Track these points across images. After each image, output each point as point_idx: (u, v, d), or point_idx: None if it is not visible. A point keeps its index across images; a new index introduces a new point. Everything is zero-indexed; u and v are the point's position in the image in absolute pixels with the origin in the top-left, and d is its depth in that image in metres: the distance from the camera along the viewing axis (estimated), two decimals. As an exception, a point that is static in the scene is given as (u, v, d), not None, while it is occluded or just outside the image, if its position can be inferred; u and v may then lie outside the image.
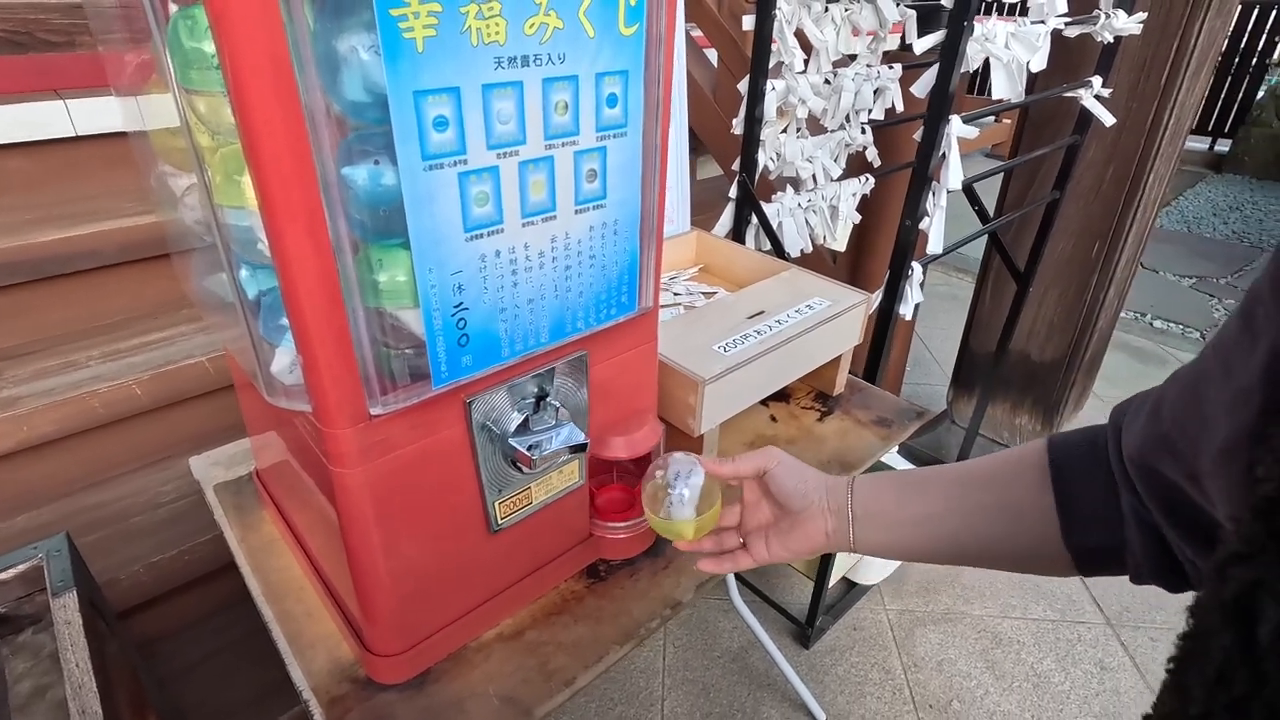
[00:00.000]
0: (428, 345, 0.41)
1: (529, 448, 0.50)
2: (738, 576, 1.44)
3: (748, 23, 0.97)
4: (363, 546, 0.47)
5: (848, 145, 1.20)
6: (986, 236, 1.35)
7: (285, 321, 0.40)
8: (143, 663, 0.86)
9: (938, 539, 0.43)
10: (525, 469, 0.51)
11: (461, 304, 0.42)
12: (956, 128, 0.83)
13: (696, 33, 1.65)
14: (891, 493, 0.47)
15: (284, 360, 0.43)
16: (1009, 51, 0.83)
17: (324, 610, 0.59)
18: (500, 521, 0.54)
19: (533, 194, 0.42)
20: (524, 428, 0.51)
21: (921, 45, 0.82)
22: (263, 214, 0.35)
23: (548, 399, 0.52)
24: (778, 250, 1.11)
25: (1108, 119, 1.13)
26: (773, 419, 0.86)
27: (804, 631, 1.39)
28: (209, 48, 0.36)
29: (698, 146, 1.72)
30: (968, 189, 1.28)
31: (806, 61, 1.07)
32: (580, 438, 0.53)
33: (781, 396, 0.90)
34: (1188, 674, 0.19)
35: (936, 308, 2.78)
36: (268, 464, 0.67)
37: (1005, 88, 0.86)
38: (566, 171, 0.43)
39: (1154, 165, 1.25)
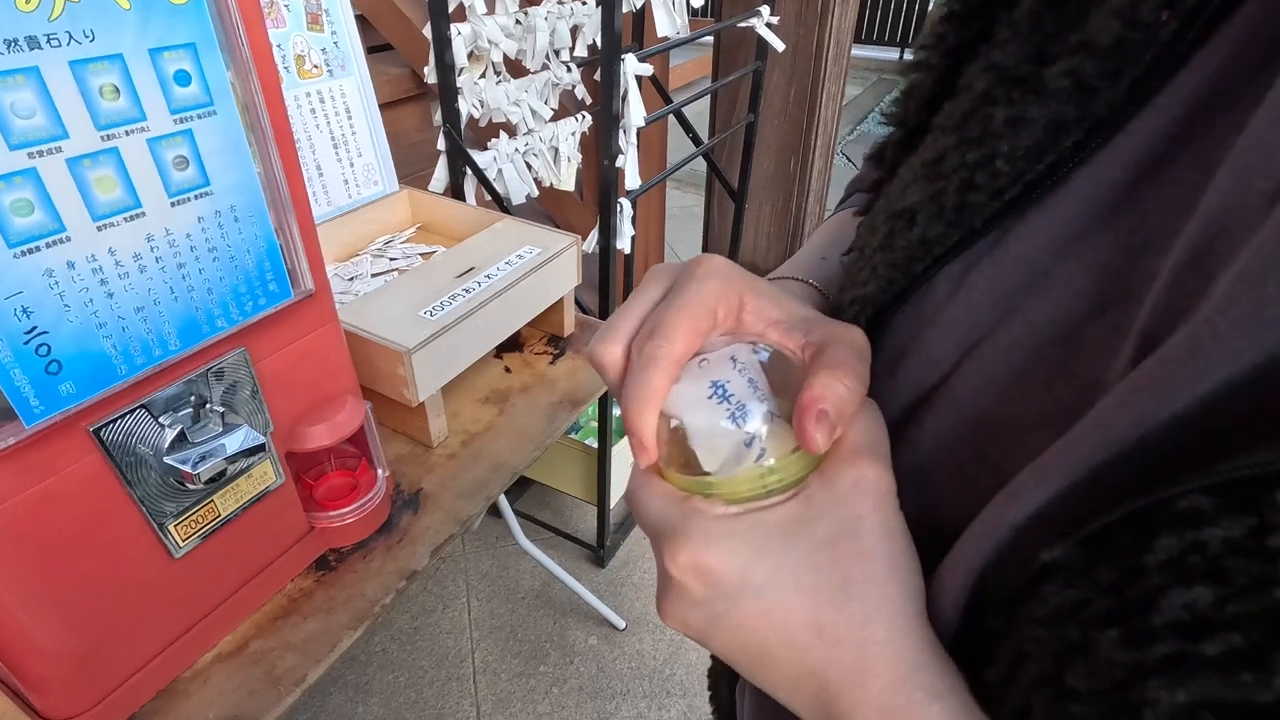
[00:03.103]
0: (1, 383, 0.36)
1: (194, 462, 0.47)
2: (524, 517, 1.49)
3: (416, -38, 0.91)
4: (-6, 615, 0.41)
5: (556, 85, 1.21)
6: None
7: None
8: None
9: None
10: (193, 485, 0.47)
11: (35, 329, 0.36)
12: (632, 65, 0.87)
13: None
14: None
15: None
16: (665, -10, 0.88)
17: (-11, 690, 0.51)
18: (182, 545, 0.50)
19: (100, 192, 0.37)
20: (182, 441, 0.47)
21: (582, -14, 0.83)
22: None
23: (208, 406, 0.49)
24: (497, 200, 1.11)
25: (779, 45, 1.26)
26: (507, 370, 0.88)
27: (597, 554, 1.49)
28: None
29: (428, 91, 1.63)
30: (678, 115, 1.36)
31: (493, 2, 1.04)
32: (256, 439, 0.50)
33: (515, 346, 0.91)
34: None
35: (693, 228, 2.97)
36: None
37: (666, 25, 0.91)
38: (143, 162, 0.39)
39: (825, 84, 1.42)
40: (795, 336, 0.26)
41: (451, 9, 0.97)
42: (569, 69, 1.20)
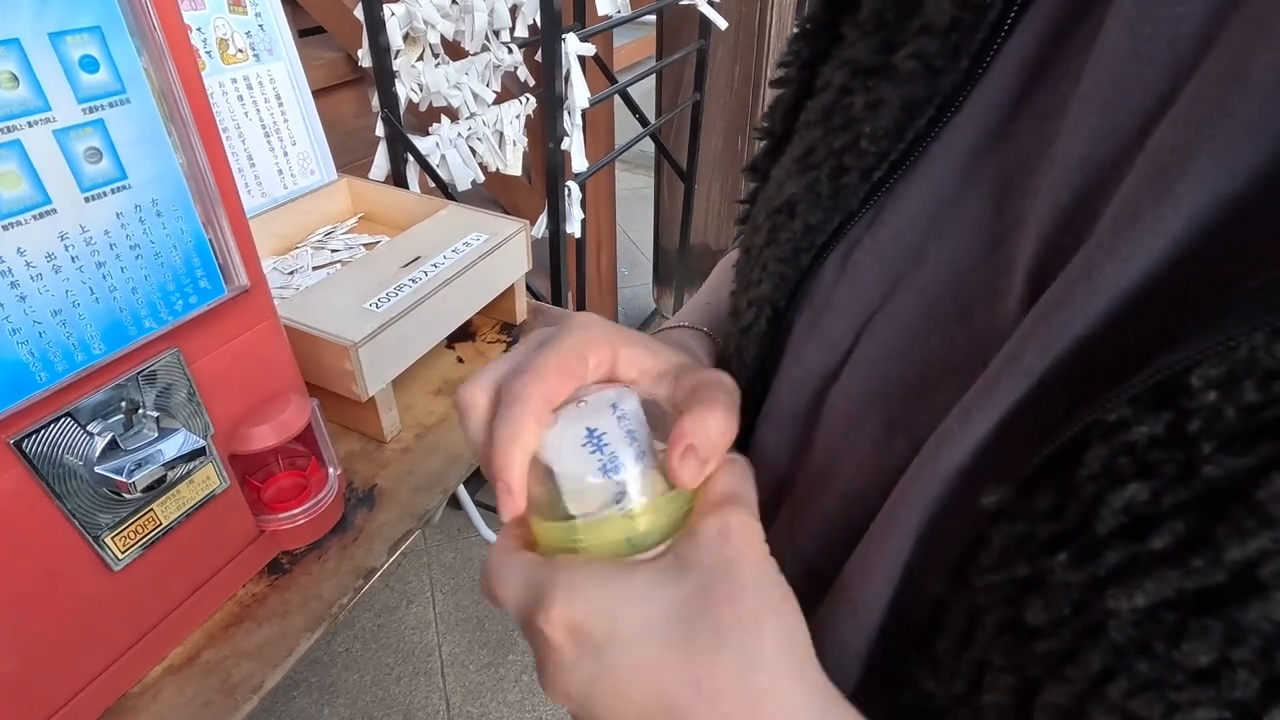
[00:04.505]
0: (-96, 396, 0.34)
1: (128, 471, 0.45)
2: (485, 507, 1.48)
3: (343, -61, 0.88)
4: (-85, 643, 0.39)
5: (497, 67, 1.18)
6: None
7: None
8: None
9: None
10: (129, 495, 0.45)
11: (-60, 337, 0.34)
12: (573, 45, 0.86)
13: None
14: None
15: None
16: (604, -34, 0.86)
17: (-83, 721, 0.48)
18: (122, 557, 0.48)
19: (3, 188, 0.35)
20: (114, 449, 0.45)
21: (518, -37, 0.81)
22: None
23: (141, 411, 0.46)
24: (441, 187, 1.08)
25: (721, 23, 1.25)
26: (460, 360, 0.86)
27: (561, 539, 1.49)
28: None
29: (364, 76, 1.57)
30: (623, 95, 1.35)
31: (427, -20, 1.01)
32: (195, 443, 0.48)
33: (466, 335, 0.90)
34: None
35: (644, 209, 2.95)
36: None
37: (607, 3, 0.90)
38: (49, 155, 0.36)
39: (769, 60, 1.43)
40: (665, 385, 0.26)
41: (384, -12, 0.93)
42: (510, 50, 1.17)
